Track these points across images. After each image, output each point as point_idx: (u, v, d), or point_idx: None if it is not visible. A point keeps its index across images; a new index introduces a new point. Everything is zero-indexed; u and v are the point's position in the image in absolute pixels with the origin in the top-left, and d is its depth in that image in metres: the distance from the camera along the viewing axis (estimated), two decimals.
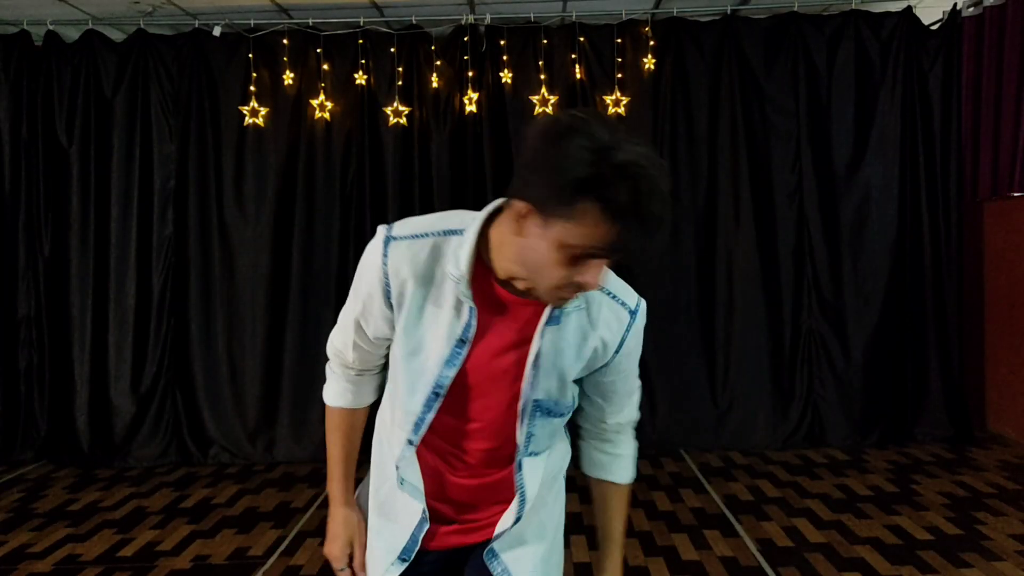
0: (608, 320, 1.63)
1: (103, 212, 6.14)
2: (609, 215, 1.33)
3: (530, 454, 1.70)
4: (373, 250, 1.60)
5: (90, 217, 6.14)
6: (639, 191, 1.32)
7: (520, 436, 1.66)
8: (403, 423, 1.69)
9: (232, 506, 5.06)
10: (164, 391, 6.06)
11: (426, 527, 1.73)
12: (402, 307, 1.59)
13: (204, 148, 6.13)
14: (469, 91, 6.07)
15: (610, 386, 1.73)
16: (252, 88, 6.08)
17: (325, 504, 4.85)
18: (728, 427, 6.08)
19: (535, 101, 6.03)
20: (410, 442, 1.70)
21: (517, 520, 1.72)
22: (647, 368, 6.03)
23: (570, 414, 1.73)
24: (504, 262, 1.54)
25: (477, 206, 5.23)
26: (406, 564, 1.74)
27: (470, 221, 1.59)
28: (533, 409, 1.64)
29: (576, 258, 1.40)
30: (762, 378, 6.09)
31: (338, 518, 1.86)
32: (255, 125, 6.09)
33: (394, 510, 1.77)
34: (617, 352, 1.66)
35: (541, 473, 1.74)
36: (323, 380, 1.80)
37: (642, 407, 5.13)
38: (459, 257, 1.55)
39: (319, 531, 4.56)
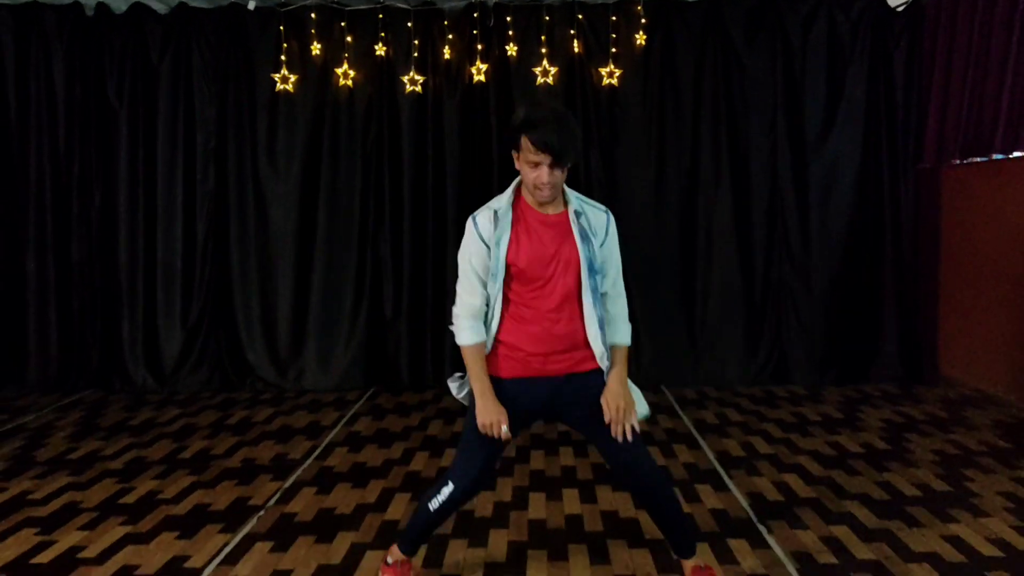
0: (596, 217, 3.00)
1: (150, 168, 6.89)
2: (525, 132, 2.75)
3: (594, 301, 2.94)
4: (469, 228, 2.94)
5: (139, 172, 6.89)
6: (534, 119, 2.75)
7: (585, 285, 2.91)
8: (496, 299, 2.95)
9: (269, 423, 5.86)
10: (208, 327, 6.86)
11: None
12: (492, 242, 2.89)
13: (240, 111, 6.85)
14: (478, 62, 6.75)
15: (605, 267, 3.00)
16: (283, 57, 6.77)
17: (350, 422, 5.68)
18: (704, 366, 6.86)
19: (537, 72, 6.72)
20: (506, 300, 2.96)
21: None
22: (634, 315, 6.78)
23: (604, 278, 2.99)
24: (527, 193, 2.92)
25: (483, 166, 6.29)
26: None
27: (509, 188, 2.99)
28: (588, 267, 2.91)
29: (531, 164, 2.79)
30: (735, 323, 6.85)
31: (491, 403, 2.90)
32: (286, 91, 6.80)
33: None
34: (607, 234, 2.99)
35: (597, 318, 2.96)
36: (345, 316, 5.07)
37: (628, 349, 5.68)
38: (503, 200, 2.94)
39: (346, 442, 5.36)
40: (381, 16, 6.79)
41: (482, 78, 6.76)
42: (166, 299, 6.90)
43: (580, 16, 6.77)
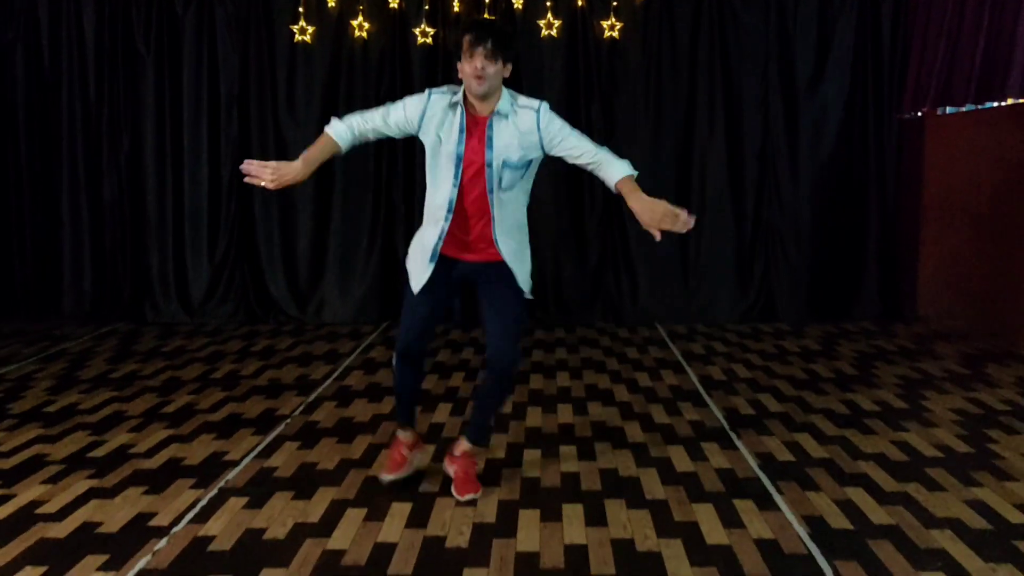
0: (524, 118, 3.32)
1: (176, 113, 7.33)
2: (464, 30, 3.27)
3: (502, 199, 3.36)
4: (421, 95, 3.37)
5: (165, 117, 7.34)
6: (471, 22, 3.44)
7: (490, 177, 3.30)
8: (439, 209, 3.39)
9: (291, 350, 6.36)
10: (234, 263, 7.37)
11: (441, 242, 3.41)
12: (429, 126, 3.33)
13: (261, 60, 7.27)
14: (486, 15, 7.11)
15: (569, 151, 3.32)
16: (301, 9, 7.15)
17: (366, 350, 6.14)
18: (696, 304, 7.32)
19: (542, 25, 7.08)
20: (449, 210, 3.36)
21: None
22: (630, 253, 7.26)
23: (525, 169, 3.36)
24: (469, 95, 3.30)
25: None
26: (434, 263, 3.41)
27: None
28: (502, 166, 3.30)
29: (468, 56, 3.20)
30: (726, 263, 7.30)
31: (296, 163, 3.38)
32: (304, 42, 7.19)
33: (427, 242, 3.46)
34: (539, 131, 3.29)
35: (509, 223, 3.40)
36: (360, 255, 5.88)
37: (623, 288, 6.65)
38: (457, 94, 3.33)
39: (364, 366, 5.86)
40: None
41: None
42: (193, 237, 7.39)
43: None
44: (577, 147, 3.32)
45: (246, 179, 3.33)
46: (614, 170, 3.26)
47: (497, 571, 2.94)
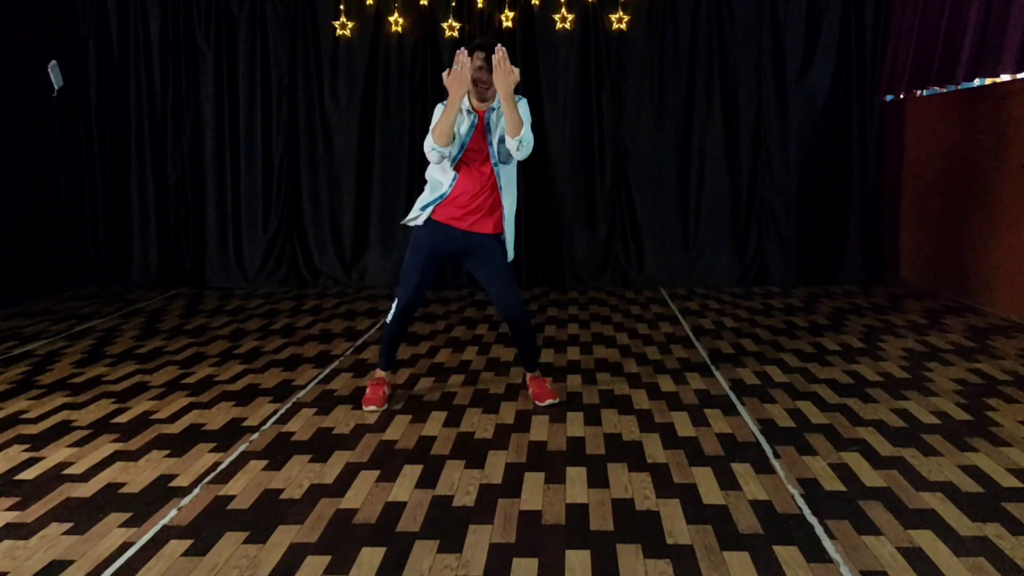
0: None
1: (233, 102, 8.26)
2: (471, 48, 4.16)
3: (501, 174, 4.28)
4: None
5: (223, 105, 8.27)
6: (475, 41, 4.29)
7: (493, 155, 4.22)
8: (446, 170, 4.28)
9: (338, 308, 7.28)
10: (285, 235, 8.30)
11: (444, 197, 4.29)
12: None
13: (307, 54, 8.17)
14: (507, 10, 7.96)
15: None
16: (342, 7, 8.02)
17: None
18: (696, 270, 8.15)
19: (556, 19, 7.91)
20: (454, 173, 4.27)
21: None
22: (637, 226, 8.11)
23: (514, 151, 4.18)
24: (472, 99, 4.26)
25: None
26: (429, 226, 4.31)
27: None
28: (499, 143, 4.21)
29: (475, 68, 4.14)
30: (723, 234, 8.12)
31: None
32: (345, 36, 8.07)
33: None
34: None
35: (512, 189, 4.35)
36: (398, 226, 5.98)
37: (631, 256, 7.62)
38: (465, 101, 4.18)
39: None
40: None
41: (510, 24, 7.97)
42: (248, 213, 8.33)
43: None
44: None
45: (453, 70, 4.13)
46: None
47: (515, 453, 3.83)
